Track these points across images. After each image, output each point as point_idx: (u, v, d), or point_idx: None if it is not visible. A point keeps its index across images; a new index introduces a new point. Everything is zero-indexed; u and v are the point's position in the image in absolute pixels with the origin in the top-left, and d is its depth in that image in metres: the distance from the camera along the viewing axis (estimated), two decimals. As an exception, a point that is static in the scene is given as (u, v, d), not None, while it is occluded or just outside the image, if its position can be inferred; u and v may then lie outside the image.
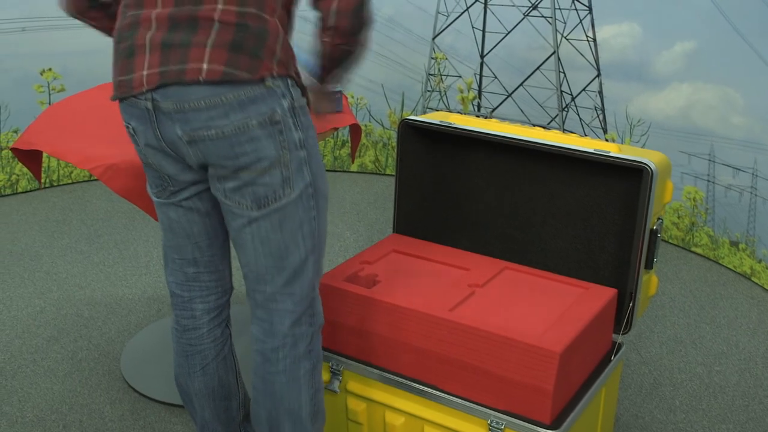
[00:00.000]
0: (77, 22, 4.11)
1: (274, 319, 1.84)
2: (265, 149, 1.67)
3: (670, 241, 3.81)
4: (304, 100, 1.74)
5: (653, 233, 2.09)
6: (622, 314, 2.16)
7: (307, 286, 1.83)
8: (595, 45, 3.85)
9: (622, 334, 2.18)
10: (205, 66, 1.61)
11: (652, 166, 2.02)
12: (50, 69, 4.11)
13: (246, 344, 2.81)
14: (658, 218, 2.12)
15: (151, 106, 1.67)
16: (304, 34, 3.27)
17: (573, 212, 2.22)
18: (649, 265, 2.12)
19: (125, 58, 1.69)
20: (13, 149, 2.36)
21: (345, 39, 1.77)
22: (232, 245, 3.10)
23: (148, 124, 1.70)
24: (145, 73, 1.65)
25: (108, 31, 1.94)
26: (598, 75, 3.87)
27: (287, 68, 1.69)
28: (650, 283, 2.20)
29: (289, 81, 1.70)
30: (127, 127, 1.77)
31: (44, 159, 4.19)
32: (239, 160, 1.67)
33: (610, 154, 2.06)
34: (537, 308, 2.01)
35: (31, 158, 2.44)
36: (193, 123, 1.65)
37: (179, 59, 1.62)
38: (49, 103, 4.13)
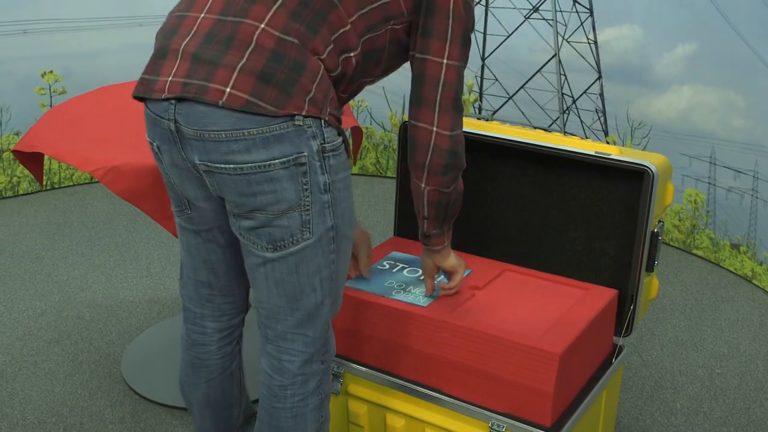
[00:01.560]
0: (79, 24, 4.11)
1: (284, 357, 1.77)
2: (285, 191, 1.59)
3: (671, 243, 3.81)
4: (338, 141, 1.64)
5: (654, 236, 2.09)
6: (623, 317, 2.16)
7: (320, 328, 1.76)
8: (596, 47, 3.85)
9: (623, 336, 2.18)
10: (228, 90, 1.52)
11: (653, 168, 2.02)
12: (51, 71, 4.11)
13: (254, 346, 2.81)
14: (659, 221, 2.12)
15: (174, 128, 1.59)
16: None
17: (574, 215, 2.22)
18: (650, 268, 2.12)
19: (156, 58, 1.63)
20: (14, 151, 2.36)
21: (438, 182, 1.77)
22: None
23: (172, 145, 1.64)
24: (170, 79, 1.58)
25: None
26: (599, 77, 3.87)
27: (321, 110, 1.58)
28: (651, 285, 2.20)
29: (322, 122, 1.59)
30: (152, 145, 1.71)
31: (45, 161, 4.19)
32: (256, 199, 1.59)
33: (611, 157, 2.06)
34: (537, 310, 2.01)
35: (32, 160, 2.44)
36: (212, 154, 1.57)
37: (204, 76, 1.54)
38: (51, 106, 4.13)
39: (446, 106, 1.73)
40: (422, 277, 2.13)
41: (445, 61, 1.71)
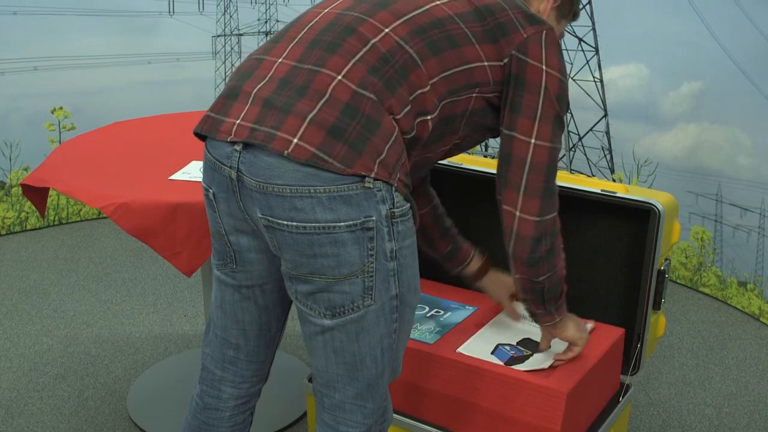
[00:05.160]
0: (89, 61, 4.16)
1: (341, 428, 1.65)
2: (348, 255, 1.48)
3: (678, 281, 3.80)
4: (407, 206, 1.53)
5: (661, 274, 2.09)
6: (630, 355, 2.16)
7: (380, 397, 1.64)
8: (602, 85, 3.88)
9: (631, 375, 2.17)
10: (295, 141, 1.43)
11: (660, 206, 2.03)
12: (61, 108, 4.15)
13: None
14: (666, 259, 2.12)
15: (236, 177, 1.50)
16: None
17: (580, 252, 2.22)
18: (657, 306, 2.12)
19: (227, 97, 1.55)
20: (23, 184, 2.37)
21: (526, 272, 1.70)
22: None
23: (231, 194, 1.55)
24: (237, 122, 1.50)
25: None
26: (605, 115, 3.89)
27: (391, 174, 1.47)
28: (658, 323, 2.19)
29: (393, 187, 1.49)
30: (207, 191, 1.61)
31: (54, 196, 4.21)
32: (316, 261, 1.49)
33: (618, 195, 2.07)
34: (545, 348, 2.00)
35: (37, 193, 2.45)
36: (274, 209, 1.47)
37: (273, 123, 1.46)
38: (60, 142, 4.16)
39: (534, 189, 1.64)
40: (429, 314, 2.13)
41: (533, 141, 1.62)
